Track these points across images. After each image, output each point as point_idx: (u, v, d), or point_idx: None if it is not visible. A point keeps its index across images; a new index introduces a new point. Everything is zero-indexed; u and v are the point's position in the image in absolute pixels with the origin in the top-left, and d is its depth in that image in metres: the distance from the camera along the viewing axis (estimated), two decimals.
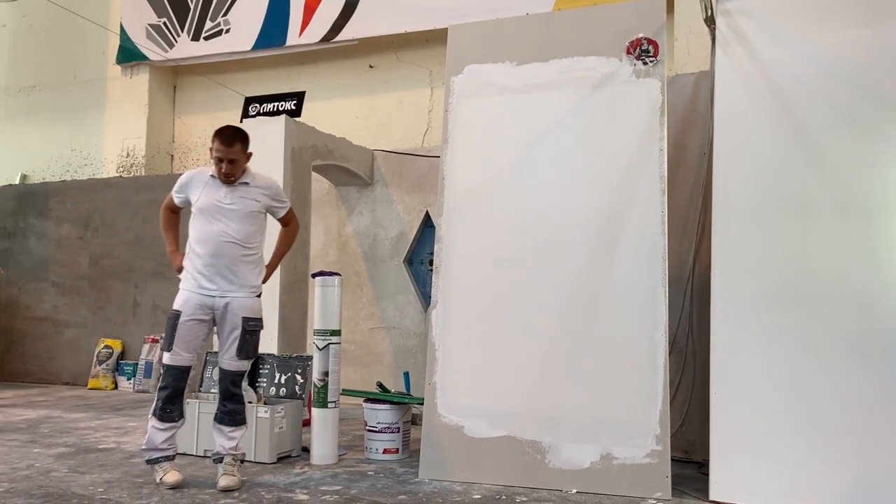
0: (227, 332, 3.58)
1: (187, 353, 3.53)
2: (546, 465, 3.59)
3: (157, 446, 3.54)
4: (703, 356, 3.96)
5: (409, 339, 6.62)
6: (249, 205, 3.61)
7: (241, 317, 3.57)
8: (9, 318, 8.15)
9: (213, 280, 3.53)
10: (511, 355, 3.79)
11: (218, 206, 3.56)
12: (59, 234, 8.05)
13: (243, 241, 3.58)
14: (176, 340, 3.50)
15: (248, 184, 3.65)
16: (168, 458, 3.55)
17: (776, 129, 3.56)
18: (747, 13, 3.69)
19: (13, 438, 4.70)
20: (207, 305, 3.54)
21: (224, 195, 3.58)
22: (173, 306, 3.56)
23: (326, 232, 7.00)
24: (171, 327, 3.52)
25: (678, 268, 4.30)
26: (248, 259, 3.62)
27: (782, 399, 3.32)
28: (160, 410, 3.52)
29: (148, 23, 8.37)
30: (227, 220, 3.55)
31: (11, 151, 9.27)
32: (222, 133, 3.57)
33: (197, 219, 3.58)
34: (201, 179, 3.64)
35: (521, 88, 4.05)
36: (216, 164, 3.57)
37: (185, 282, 3.58)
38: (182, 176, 3.73)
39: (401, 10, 7.17)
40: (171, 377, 3.52)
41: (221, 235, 3.53)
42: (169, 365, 3.53)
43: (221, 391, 3.63)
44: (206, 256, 3.52)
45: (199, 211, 3.57)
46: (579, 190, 3.85)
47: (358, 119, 7.57)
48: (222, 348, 3.61)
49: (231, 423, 3.61)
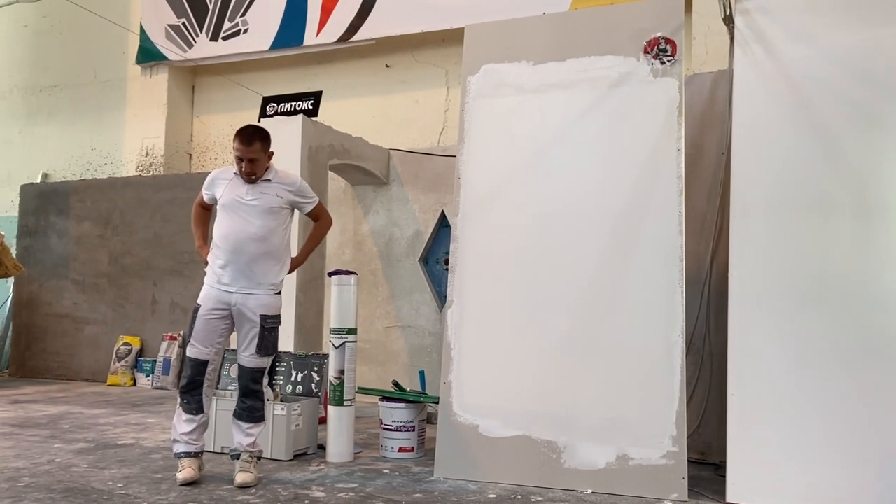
0: (246, 330, 3.61)
1: (204, 346, 3.57)
2: (561, 465, 3.58)
3: (178, 437, 3.58)
4: (721, 357, 3.94)
5: (424, 338, 6.64)
6: (271, 200, 3.64)
7: (258, 314, 3.59)
8: (30, 315, 8.26)
9: (232, 276, 3.57)
10: (527, 355, 3.78)
11: (239, 202, 3.60)
12: (79, 232, 8.15)
13: (264, 238, 3.61)
14: (195, 334, 3.58)
15: (270, 180, 3.69)
16: (189, 454, 3.57)
17: (795, 128, 3.53)
18: (766, 12, 3.66)
19: (34, 434, 4.76)
20: (225, 301, 3.58)
21: (246, 191, 3.62)
22: (197, 300, 3.64)
23: (342, 231, 7.02)
24: (192, 320, 3.62)
25: (695, 268, 4.27)
26: (269, 256, 3.64)
27: (801, 400, 3.30)
28: (182, 402, 3.61)
29: (167, 23, 8.45)
30: (248, 215, 3.58)
31: (33, 150, 9.40)
32: (242, 133, 3.60)
33: (220, 215, 3.64)
34: (226, 177, 3.70)
35: (538, 88, 4.04)
36: (237, 163, 3.61)
37: (208, 276, 3.65)
38: (210, 174, 3.81)
39: (417, 9, 7.18)
40: (189, 368, 3.59)
41: (241, 231, 3.56)
42: (188, 356, 3.63)
43: (241, 388, 3.66)
44: (227, 252, 3.56)
45: (221, 207, 3.64)
46: (596, 190, 3.84)
47: (374, 118, 7.59)
48: (241, 345, 3.64)
49: (250, 420, 3.64)
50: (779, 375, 3.35)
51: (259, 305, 3.60)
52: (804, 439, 3.26)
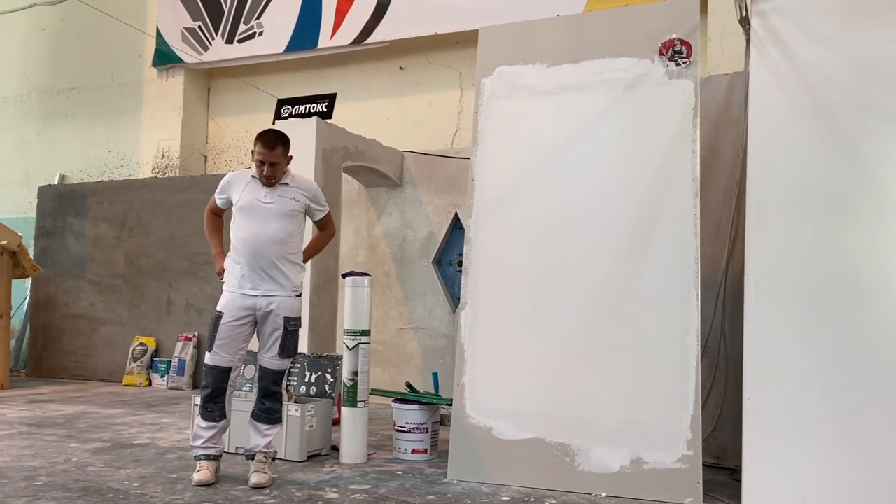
0: (269, 332, 3.62)
1: (227, 353, 3.56)
2: (575, 468, 3.57)
3: (198, 444, 3.59)
4: (736, 360, 3.91)
5: (437, 340, 6.64)
6: (289, 204, 3.66)
7: (283, 317, 3.61)
8: (47, 316, 8.34)
9: (255, 280, 3.57)
10: (540, 357, 3.78)
11: (258, 205, 3.60)
12: (96, 234, 8.23)
13: (283, 240, 3.62)
14: (217, 341, 3.54)
15: (287, 184, 3.70)
16: (209, 457, 3.59)
17: (812, 130, 3.50)
18: (783, 13, 3.63)
19: (51, 433, 4.81)
20: (249, 306, 3.57)
21: (264, 194, 3.63)
22: (217, 307, 3.61)
23: (356, 233, 7.04)
24: (213, 328, 3.57)
25: (711, 271, 4.25)
26: (289, 258, 3.66)
27: (818, 404, 3.27)
28: (202, 409, 3.59)
29: (183, 26, 8.51)
30: (267, 218, 3.59)
31: (51, 152, 9.49)
32: (264, 136, 3.62)
33: (238, 218, 3.64)
34: (242, 180, 3.69)
35: (552, 90, 4.04)
36: (258, 166, 3.62)
37: (228, 283, 3.62)
38: (224, 178, 3.79)
39: (431, 12, 7.19)
40: (211, 377, 3.57)
41: (261, 235, 3.57)
42: (209, 365, 3.57)
43: (261, 389, 3.67)
44: (248, 256, 3.56)
45: (239, 210, 3.63)
46: (610, 192, 3.82)
47: (388, 120, 7.61)
48: (263, 347, 3.65)
49: (268, 421, 3.66)
50: (796, 379, 3.32)
51: (282, 308, 3.61)
52: (822, 443, 3.23)
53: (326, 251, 5.72)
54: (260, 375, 3.68)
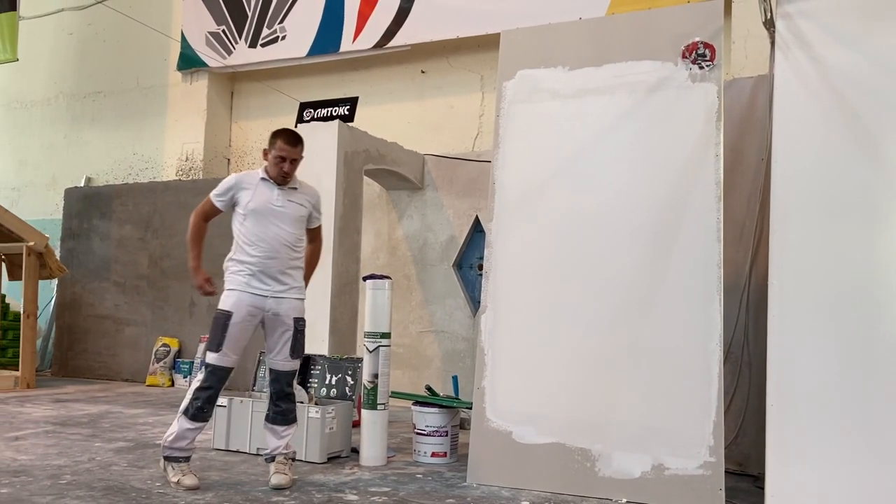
0: (279, 334, 3.62)
1: (235, 354, 3.54)
2: (596, 474, 3.55)
3: (184, 446, 3.52)
4: (759, 366, 3.87)
5: (457, 343, 6.64)
6: (299, 209, 3.67)
7: (292, 317, 3.62)
8: (73, 316, 8.46)
9: (266, 281, 3.56)
10: (561, 361, 3.76)
11: (272, 209, 3.59)
12: (120, 235, 8.33)
13: (294, 244, 3.65)
14: (226, 342, 3.49)
15: (296, 189, 3.71)
16: (187, 458, 3.55)
17: (838, 133, 3.45)
18: (809, 16, 3.59)
19: (76, 432, 4.87)
20: (258, 306, 3.56)
21: (276, 197, 3.61)
22: (222, 307, 3.53)
23: (377, 235, 7.07)
24: (222, 328, 3.49)
25: (734, 276, 4.20)
26: (297, 262, 3.69)
27: (843, 411, 3.22)
28: (197, 410, 3.48)
29: (207, 30, 8.60)
30: (281, 222, 3.59)
31: (77, 155, 9.64)
32: (286, 133, 3.64)
33: (249, 220, 3.58)
34: (251, 181, 3.64)
35: (574, 93, 4.03)
36: (278, 163, 3.59)
37: (234, 283, 3.56)
38: (226, 180, 3.68)
39: (453, 15, 7.20)
40: (216, 378, 3.50)
41: (277, 238, 3.57)
42: (216, 366, 3.50)
43: (276, 392, 3.66)
44: (262, 258, 3.55)
45: (252, 212, 3.57)
46: (632, 196, 3.80)
47: (409, 124, 7.63)
48: (273, 349, 3.64)
49: (285, 423, 3.66)
50: (820, 385, 3.27)
51: (292, 309, 3.63)
52: (846, 451, 3.18)
53: (347, 254, 5.76)
54: (273, 378, 3.66)
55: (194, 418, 3.49)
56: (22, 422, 5.22)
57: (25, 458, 4.04)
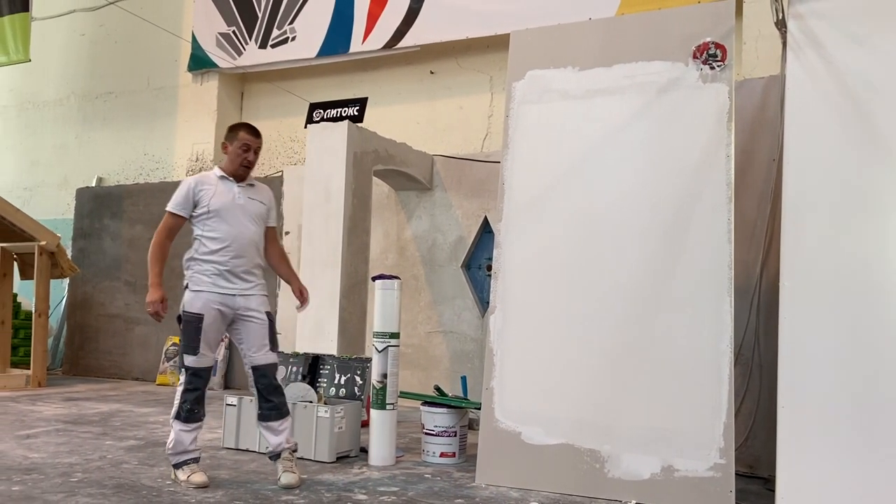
0: (254, 330, 3.58)
1: (212, 352, 3.56)
2: (605, 475, 3.54)
3: (187, 448, 3.53)
4: (770, 368, 3.85)
5: (465, 344, 6.64)
6: (258, 207, 3.69)
7: (263, 311, 3.63)
8: (84, 315, 8.52)
9: (233, 280, 3.54)
10: (570, 362, 3.76)
11: (234, 206, 3.57)
12: (131, 235, 8.38)
13: (259, 243, 3.69)
14: (202, 344, 3.49)
15: (253, 185, 3.73)
16: (195, 459, 3.57)
17: (850, 134, 3.43)
18: (821, 16, 3.57)
19: (87, 430, 4.90)
20: (228, 304, 3.54)
21: (237, 194, 3.61)
22: (190, 309, 3.50)
23: (386, 236, 7.08)
24: (195, 331, 3.47)
25: (745, 277, 4.19)
26: (261, 260, 3.72)
27: (855, 413, 3.19)
28: (187, 412, 3.49)
29: (218, 31, 8.64)
30: (244, 219, 3.60)
31: (89, 155, 9.71)
32: (246, 125, 3.71)
33: (213, 220, 3.54)
34: (209, 181, 3.62)
35: (584, 94, 4.02)
36: (243, 152, 3.61)
37: (199, 283, 3.53)
38: (181, 187, 3.61)
39: (462, 16, 7.20)
40: (199, 379, 3.51)
41: (243, 236, 3.57)
42: (197, 368, 3.50)
43: (265, 387, 3.60)
44: (230, 257, 3.53)
45: (216, 212, 3.54)
46: (642, 197, 3.79)
47: (418, 124, 7.64)
48: (253, 346, 3.59)
49: (279, 417, 3.63)
50: (832, 387, 3.25)
51: (261, 304, 3.64)
52: (858, 453, 3.16)
53: (356, 253, 5.77)
54: (260, 375, 3.60)
55: (187, 420, 3.51)
56: (33, 420, 5.25)
57: (37, 455, 4.07)
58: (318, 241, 5.66)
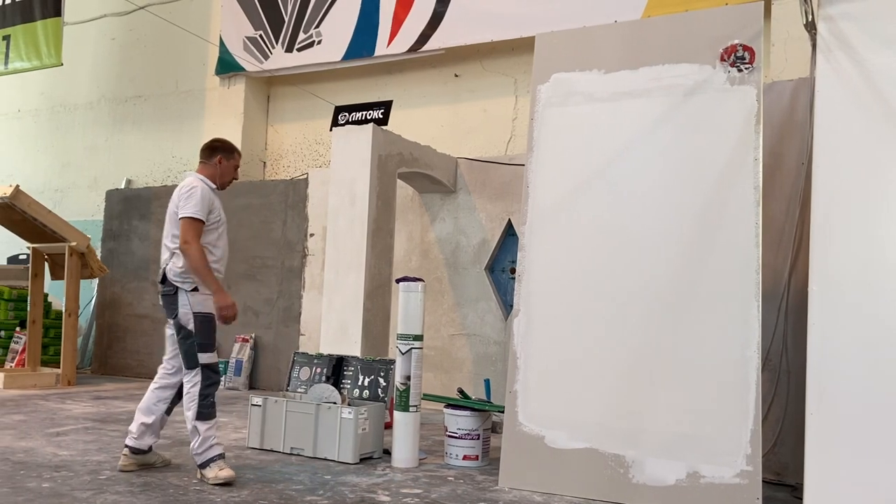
0: None
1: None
2: (629, 480, 3.51)
3: (212, 445, 3.61)
4: (798, 374, 3.80)
5: (489, 347, 6.63)
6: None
7: None
8: (112, 315, 8.65)
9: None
10: (594, 366, 3.74)
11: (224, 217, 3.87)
12: (159, 236, 8.38)
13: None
14: (215, 341, 3.75)
15: None
16: (221, 455, 3.65)
17: (881, 136, 3.38)
18: (852, 18, 3.52)
19: (115, 429, 4.97)
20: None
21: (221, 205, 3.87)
22: (203, 310, 3.67)
23: (409, 238, 7.10)
24: (213, 329, 3.71)
25: (773, 282, 4.13)
26: None
27: (884, 420, 3.14)
28: (210, 408, 3.64)
29: (245, 35, 8.73)
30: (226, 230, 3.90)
31: (118, 157, 9.86)
32: (234, 146, 3.97)
33: (216, 232, 3.77)
34: (211, 191, 3.80)
35: (610, 97, 4.00)
36: (235, 170, 3.92)
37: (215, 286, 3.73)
38: (199, 195, 3.65)
39: (487, 19, 7.20)
40: (216, 374, 3.71)
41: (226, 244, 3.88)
42: (213, 363, 3.69)
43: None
44: (223, 266, 3.83)
45: (221, 223, 3.81)
46: (668, 200, 3.76)
47: (442, 127, 7.65)
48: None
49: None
50: (861, 394, 3.20)
51: None
52: (889, 462, 3.10)
53: (380, 256, 5.80)
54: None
55: (209, 417, 3.64)
56: (63, 418, 5.34)
57: (66, 453, 4.14)
58: (343, 244, 5.70)
